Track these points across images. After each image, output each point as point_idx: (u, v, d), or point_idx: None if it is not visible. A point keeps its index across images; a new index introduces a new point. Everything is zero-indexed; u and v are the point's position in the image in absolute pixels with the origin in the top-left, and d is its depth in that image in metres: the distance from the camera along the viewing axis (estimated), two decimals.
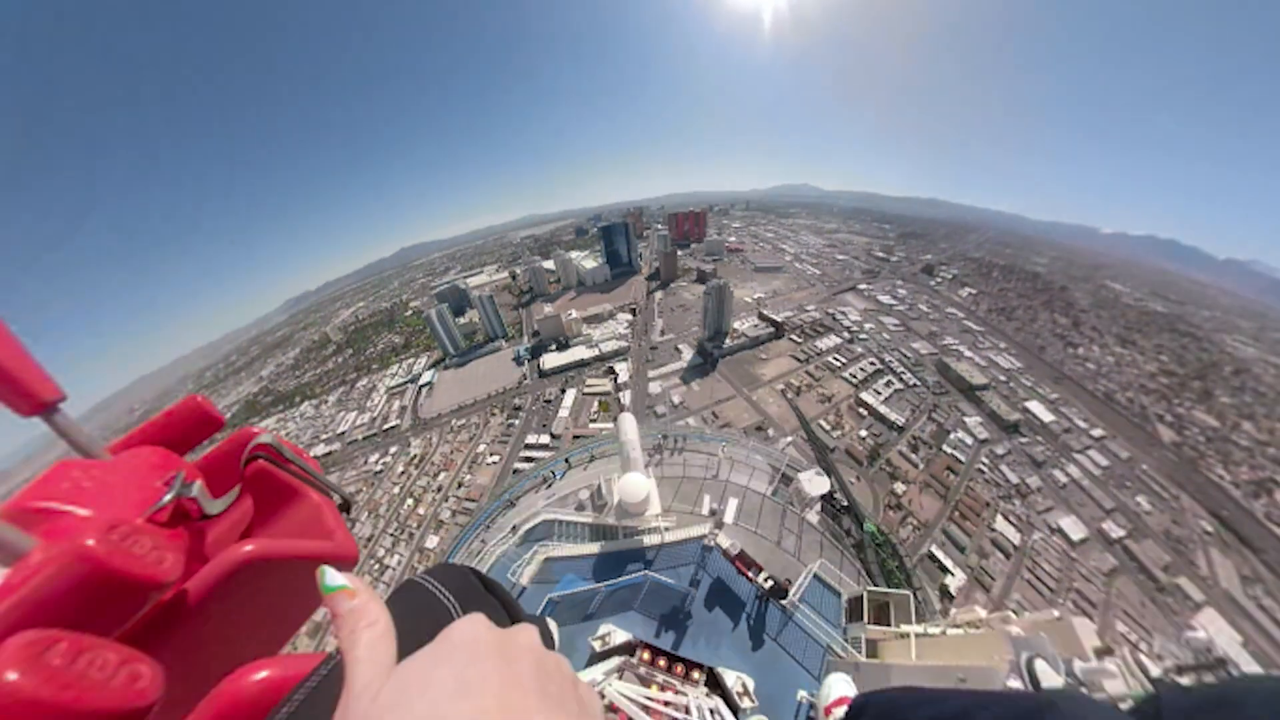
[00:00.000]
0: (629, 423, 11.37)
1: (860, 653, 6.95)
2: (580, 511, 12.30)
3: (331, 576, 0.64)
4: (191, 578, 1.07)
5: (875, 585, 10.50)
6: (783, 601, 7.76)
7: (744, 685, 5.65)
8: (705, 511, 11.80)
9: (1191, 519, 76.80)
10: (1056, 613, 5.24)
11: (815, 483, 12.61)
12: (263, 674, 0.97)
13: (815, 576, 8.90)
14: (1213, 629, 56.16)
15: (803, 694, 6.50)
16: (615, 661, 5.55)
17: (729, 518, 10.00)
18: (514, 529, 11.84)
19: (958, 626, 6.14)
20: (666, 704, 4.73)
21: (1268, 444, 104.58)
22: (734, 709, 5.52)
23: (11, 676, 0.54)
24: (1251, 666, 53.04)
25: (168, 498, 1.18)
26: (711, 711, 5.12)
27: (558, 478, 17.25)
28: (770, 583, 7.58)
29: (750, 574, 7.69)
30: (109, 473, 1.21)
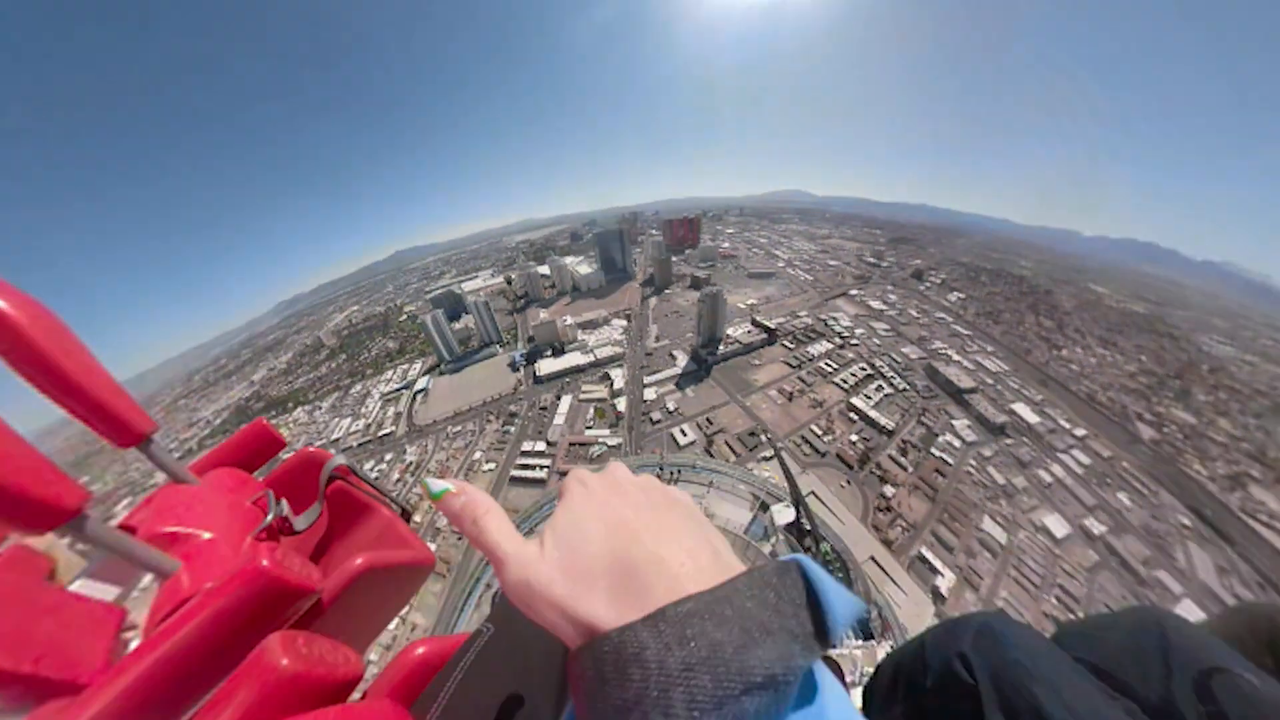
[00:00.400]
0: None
1: None
2: None
3: (435, 483, 0.73)
4: (325, 583, 1.26)
5: None
6: None
7: None
8: None
9: (1170, 514, 79.10)
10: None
11: (783, 514, 18.34)
12: (422, 650, 1.35)
13: None
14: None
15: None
16: None
17: None
18: None
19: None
20: None
21: (1242, 439, 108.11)
22: None
23: (284, 662, 0.76)
24: None
25: (270, 518, 1.41)
26: None
27: None
28: None
29: None
30: (205, 496, 1.41)
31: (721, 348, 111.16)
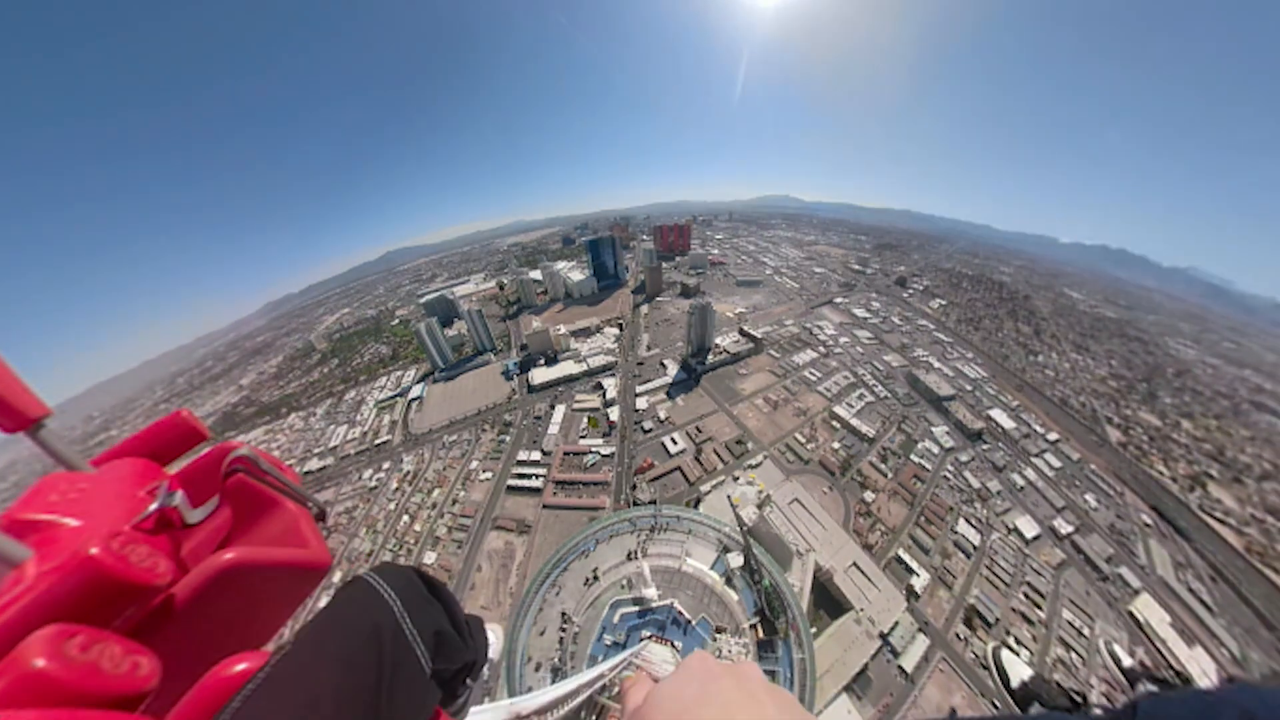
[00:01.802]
0: (646, 568, 30.49)
1: (713, 639, 30.42)
2: (627, 589, 35.19)
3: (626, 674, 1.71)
4: (179, 581, 1.25)
5: (768, 614, 33.03)
6: (691, 625, 31.92)
7: (676, 646, 17.29)
8: (672, 600, 29.87)
9: (1133, 513, 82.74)
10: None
11: (735, 559, 32.17)
12: (242, 665, 1.21)
13: (703, 618, 32.90)
14: (1147, 612, 62.14)
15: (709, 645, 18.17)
16: (646, 639, 18.09)
17: (678, 602, 26.49)
18: (601, 603, 31.86)
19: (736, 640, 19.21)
20: (661, 654, 12.18)
21: (1203, 440, 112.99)
22: None
23: (39, 663, 0.73)
24: (1176, 641, 58.64)
25: (153, 507, 1.39)
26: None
27: (593, 549, 36.37)
28: (687, 619, 31.84)
29: (684, 616, 32.95)
30: (94, 484, 1.39)
31: (710, 357, 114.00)
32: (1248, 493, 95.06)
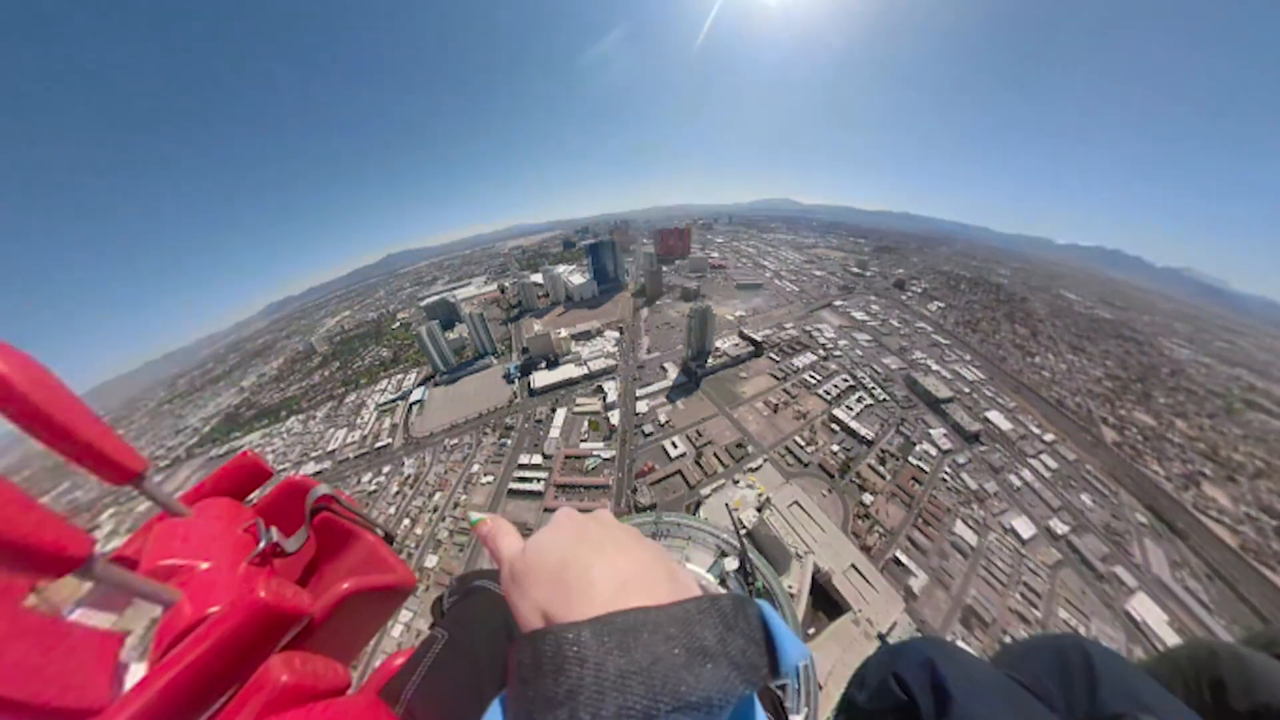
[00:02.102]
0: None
1: None
2: None
3: (474, 515, 1.15)
4: (315, 606, 1.44)
5: None
6: None
7: None
8: None
9: (1129, 512, 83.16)
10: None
11: (731, 563, 25.95)
12: (401, 660, 1.75)
13: None
14: (1143, 610, 62.55)
15: None
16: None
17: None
18: None
19: None
20: None
21: (1197, 439, 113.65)
22: None
23: (284, 678, 0.99)
24: (1172, 639, 58.91)
25: (262, 545, 1.60)
26: None
27: None
28: None
29: None
30: (197, 527, 1.57)
31: (710, 360, 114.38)
32: (1241, 491, 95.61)
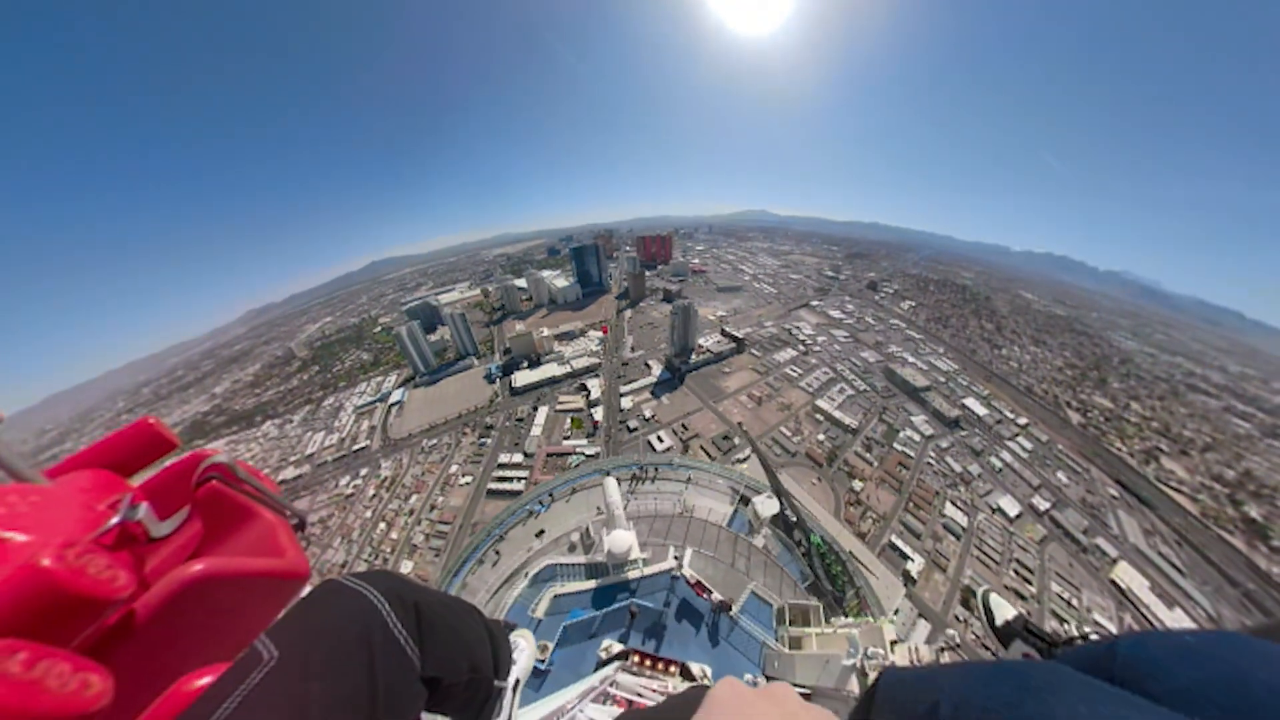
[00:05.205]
0: (611, 486, 13.16)
1: (785, 647, 9.25)
2: (573, 552, 14.68)
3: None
4: (142, 595, 1.09)
5: (827, 586, 14.67)
6: (729, 614, 10.16)
7: (704, 672, 7.43)
8: (672, 553, 13.88)
9: (1101, 487, 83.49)
10: (872, 619, 7.80)
11: (766, 505, 15.01)
12: (205, 680, 0.99)
13: (753, 593, 11.49)
14: (1127, 578, 61.76)
15: (748, 676, 8.58)
16: (616, 665, 7.18)
17: (687, 560, 12.03)
18: (525, 575, 13.46)
19: (842, 627, 8.38)
20: (653, 690, 6.24)
21: (1151, 419, 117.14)
22: None
23: None
24: (1157, 605, 57.87)
25: (113, 521, 1.17)
26: None
27: (543, 510, 18.35)
28: (718, 600, 10.00)
29: (704, 595, 10.18)
30: (47, 498, 1.21)
31: (694, 357, 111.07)
32: (1195, 463, 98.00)
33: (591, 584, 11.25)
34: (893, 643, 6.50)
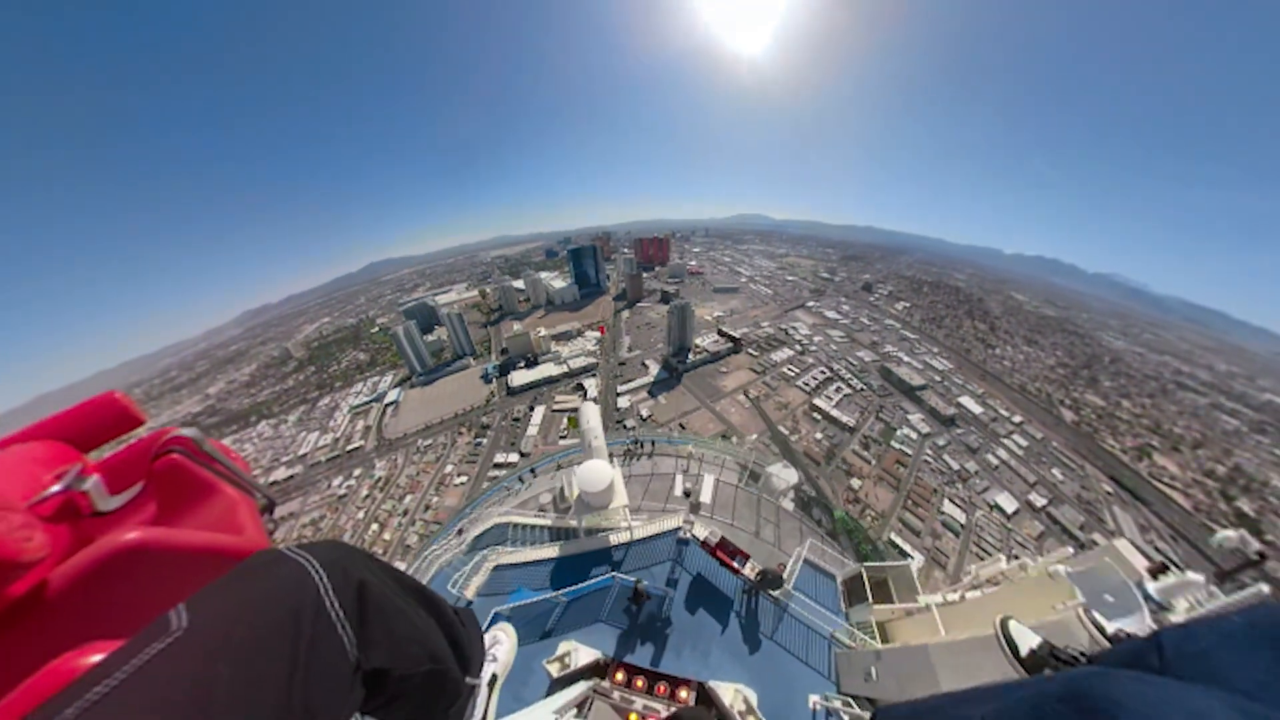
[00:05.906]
0: (591, 410, 10.38)
1: (875, 638, 5.93)
2: (541, 514, 10.52)
3: None
4: (61, 564, 0.97)
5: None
6: (776, 592, 6.55)
7: (745, 701, 4.20)
8: (679, 494, 10.00)
9: (1095, 483, 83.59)
10: (1071, 550, 5.26)
11: (784, 474, 11.96)
12: (96, 657, 0.81)
13: (806, 560, 7.72)
14: None
15: (815, 699, 5.20)
16: (581, 688, 4.08)
17: (705, 497, 8.37)
18: (459, 532, 9.83)
19: (977, 587, 5.37)
20: None
21: (1142, 416, 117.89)
22: None
23: None
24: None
25: (54, 489, 1.07)
26: None
27: (523, 487, 15.66)
28: (760, 573, 6.31)
29: (735, 565, 6.40)
30: None
31: (691, 356, 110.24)
32: (1185, 459, 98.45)
33: (553, 550, 7.77)
34: (1152, 570, 4.09)
